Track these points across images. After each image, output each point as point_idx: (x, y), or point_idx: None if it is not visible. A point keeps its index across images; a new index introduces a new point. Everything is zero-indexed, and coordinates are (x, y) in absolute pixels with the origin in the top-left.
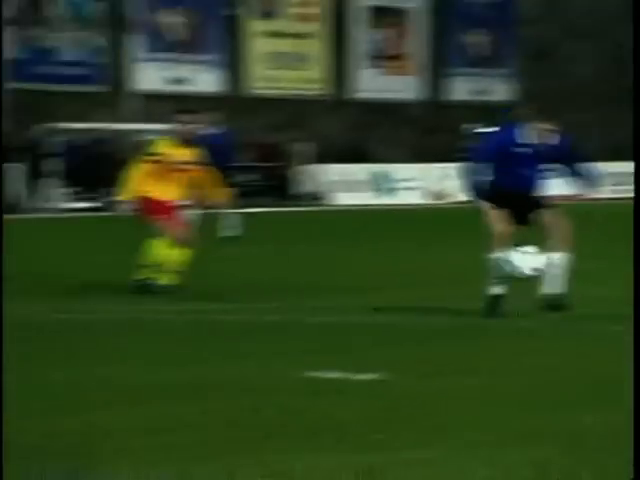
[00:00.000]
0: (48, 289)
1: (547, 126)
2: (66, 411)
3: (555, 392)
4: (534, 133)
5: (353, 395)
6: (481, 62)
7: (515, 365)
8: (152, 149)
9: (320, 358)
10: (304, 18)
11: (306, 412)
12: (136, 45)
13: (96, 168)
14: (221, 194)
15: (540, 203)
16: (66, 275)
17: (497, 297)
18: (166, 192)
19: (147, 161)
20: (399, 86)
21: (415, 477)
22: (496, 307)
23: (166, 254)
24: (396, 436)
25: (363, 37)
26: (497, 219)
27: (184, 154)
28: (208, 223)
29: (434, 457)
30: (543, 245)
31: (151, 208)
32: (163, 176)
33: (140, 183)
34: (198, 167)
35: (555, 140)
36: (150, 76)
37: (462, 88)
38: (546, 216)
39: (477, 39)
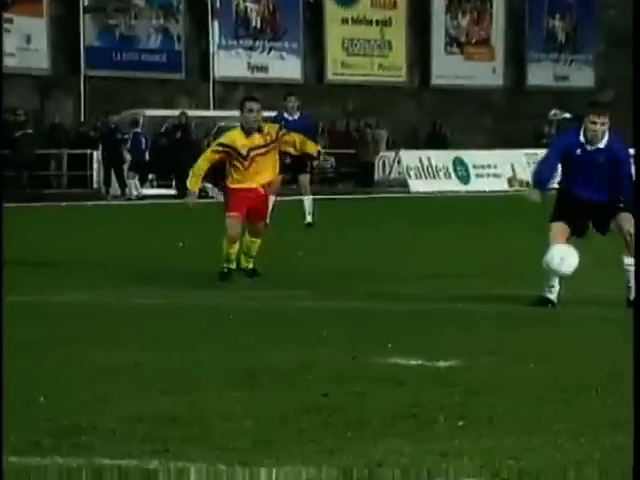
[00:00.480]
0: (129, 274)
1: (598, 121)
2: (150, 394)
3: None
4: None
5: (432, 382)
6: (561, 47)
7: (590, 353)
8: (222, 139)
9: (400, 345)
10: (384, 4)
11: (386, 399)
12: (217, 32)
13: (176, 155)
14: (313, 147)
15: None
16: (144, 261)
17: (548, 300)
18: (239, 180)
19: (216, 151)
20: (479, 72)
21: (495, 464)
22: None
23: (245, 241)
24: (475, 423)
25: (443, 23)
26: (559, 233)
27: (252, 142)
28: (289, 210)
29: (513, 444)
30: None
31: (227, 196)
32: (235, 165)
33: (209, 172)
34: (270, 147)
35: (603, 143)
36: (231, 63)
37: (542, 74)
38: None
39: (557, 24)
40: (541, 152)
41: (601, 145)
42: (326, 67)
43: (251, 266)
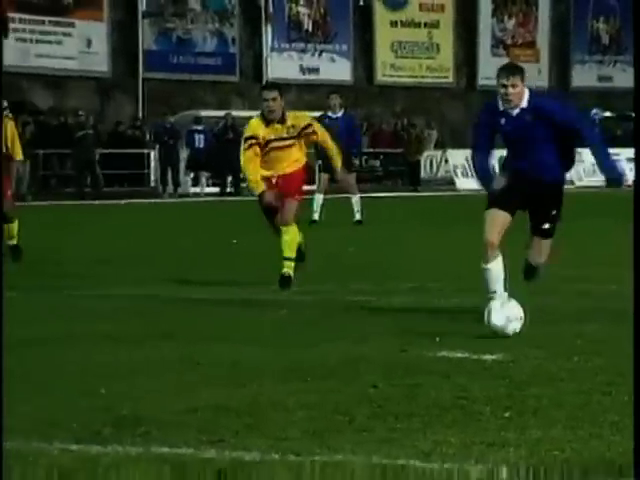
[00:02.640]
0: (183, 270)
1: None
2: (206, 386)
3: None
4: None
5: (479, 375)
6: (605, 49)
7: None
8: (246, 132)
9: (448, 339)
10: (432, 8)
11: (434, 391)
12: (270, 36)
13: (228, 155)
14: (338, 163)
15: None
16: (197, 256)
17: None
18: (262, 167)
19: (249, 146)
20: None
21: (540, 455)
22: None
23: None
24: (520, 415)
25: (490, 25)
26: (492, 225)
27: (272, 132)
28: (338, 208)
29: (559, 436)
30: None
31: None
32: (265, 156)
33: (259, 169)
34: (291, 141)
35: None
36: (283, 65)
37: (585, 75)
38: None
39: (601, 27)
40: (583, 150)
41: (523, 105)
42: (375, 69)
43: (286, 270)
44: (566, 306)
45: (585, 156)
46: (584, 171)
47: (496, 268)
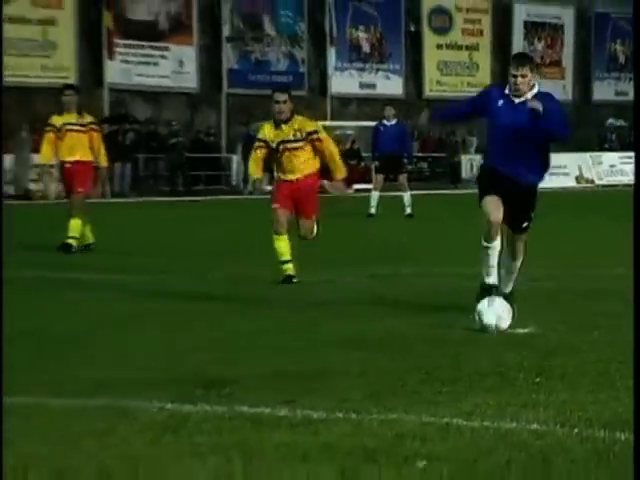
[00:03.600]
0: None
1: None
2: (281, 354)
3: None
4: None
5: (513, 346)
6: (621, 68)
7: None
8: (258, 134)
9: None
10: (473, 33)
11: (475, 360)
12: (334, 57)
13: None
14: (341, 173)
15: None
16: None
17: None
18: (279, 172)
19: (258, 147)
20: (551, 89)
21: (566, 414)
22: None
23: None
24: (549, 380)
25: (522, 47)
26: (493, 206)
27: (280, 134)
28: (392, 204)
29: (582, 398)
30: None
31: (273, 188)
32: (273, 157)
33: (261, 165)
34: (299, 144)
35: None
36: (345, 82)
37: (605, 90)
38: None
39: (618, 48)
40: (604, 154)
41: (528, 97)
42: (424, 85)
43: (287, 270)
44: (595, 287)
45: (604, 158)
46: (603, 172)
47: (498, 245)
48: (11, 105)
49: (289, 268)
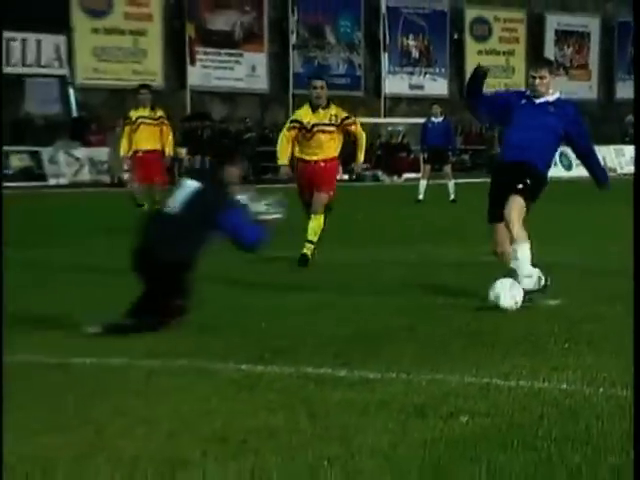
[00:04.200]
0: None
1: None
2: (339, 324)
3: None
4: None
5: (544, 315)
6: None
7: None
8: (293, 116)
9: None
10: (509, 40)
11: (512, 328)
12: (387, 61)
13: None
14: (361, 156)
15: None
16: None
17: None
18: (301, 151)
19: (290, 127)
20: (579, 89)
21: (592, 376)
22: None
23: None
24: (577, 345)
25: (553, 52)
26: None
27: (317, 117)
28: (437, 191)
29: (606, 362)
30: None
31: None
32: (300, 137)
33: (289, 149)
34: (332, 128)
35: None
36: (397, 84)
37: (626, 89)
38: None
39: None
40: (625, 147)
41: (550, 99)
42: (465, 86)
43: (305, 251)
44: (608, 265)
45: (626, 150)
46: (625, 162)
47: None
48: (107, 105)
49: (309, 248)
